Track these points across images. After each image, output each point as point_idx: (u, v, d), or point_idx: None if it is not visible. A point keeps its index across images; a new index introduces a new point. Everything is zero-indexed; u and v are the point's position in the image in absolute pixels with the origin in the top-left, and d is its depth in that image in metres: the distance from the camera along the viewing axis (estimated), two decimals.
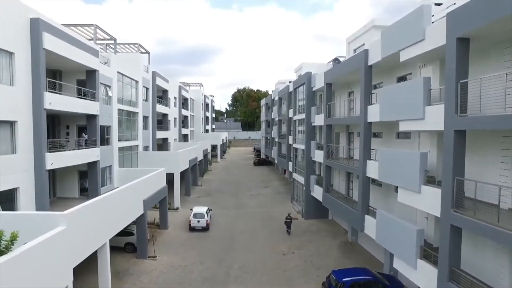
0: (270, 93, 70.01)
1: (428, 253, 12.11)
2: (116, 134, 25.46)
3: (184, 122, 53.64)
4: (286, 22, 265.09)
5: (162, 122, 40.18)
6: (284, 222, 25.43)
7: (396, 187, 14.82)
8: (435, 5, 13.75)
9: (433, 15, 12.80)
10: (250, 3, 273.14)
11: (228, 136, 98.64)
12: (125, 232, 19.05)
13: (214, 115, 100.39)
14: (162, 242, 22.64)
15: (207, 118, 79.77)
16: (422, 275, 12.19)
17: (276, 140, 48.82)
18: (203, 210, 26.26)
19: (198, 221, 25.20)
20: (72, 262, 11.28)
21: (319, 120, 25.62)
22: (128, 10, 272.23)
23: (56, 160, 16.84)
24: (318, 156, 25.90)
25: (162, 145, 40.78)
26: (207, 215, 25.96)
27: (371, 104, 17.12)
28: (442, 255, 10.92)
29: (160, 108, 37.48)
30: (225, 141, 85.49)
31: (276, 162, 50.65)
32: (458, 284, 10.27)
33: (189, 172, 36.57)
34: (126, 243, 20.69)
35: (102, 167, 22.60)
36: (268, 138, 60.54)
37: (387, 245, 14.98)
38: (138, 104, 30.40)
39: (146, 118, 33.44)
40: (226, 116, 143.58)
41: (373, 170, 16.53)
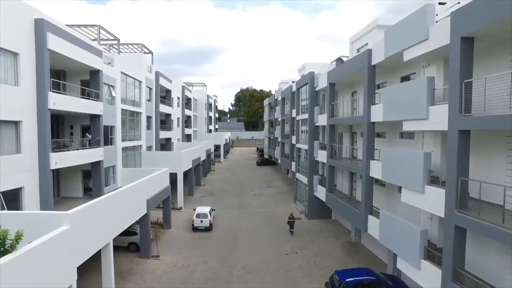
0: (273, 93, 70.01)
1: (432, 253, 12.05)
2: (119, 134, 25.58)
3: (187, 122, 53.76)
4: (289, 22, 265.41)
5: (165, 122, 40.32)
6: (287, 222, 25.42)
7: (399, 187, 14.75)
8: (439, 4, 13.67)
9: (436, 15, 12.72)
10: (254, 3, 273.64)
11: (231, 136, 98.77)
12: (128, 231, 19.09)
13: (217, 115, 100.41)
14: (165, 241, 22.71)
15: (210, 118, 79.89)
16: (426, 276, 12.13)
17: (279, 140, 48.75)
18: (206, 210, 26.28)
19: (201, 221, 25.20)
20: (76, 261, 11.35)
21: (322, 120, 25.57)
22: (131, 11, 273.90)
23: (60, 160, 16.95)
24: (321, 156, 25.85)
25: (165, 145, 40.89)
26: (210, 215, 25.96)
27: (375, 104, 17.05)
28: (446, 256, 10.86)
29: (163, 108, 37.58)
30: (228, 141, 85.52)
31: (279, 162, 50.64)
32: (462, 285, 10.21)
33: (192, 172, 36.61)
34: (130, 243, 20.78)
35: (106, 167, 22.74)
36: (271, 138, 60.49)
37: (391, 245, 14.93)
38: (141, 104, 30.53)
39: (149, 118, 33.54)
40: (229, 116, 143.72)
41: (376, 170, 16.48)
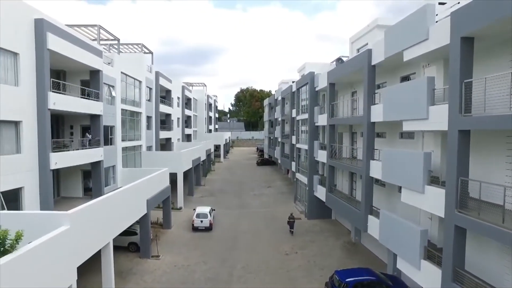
0: (273, 93, 69.99)
1: (432, 253, 12.05)
2: (119, 134, 25.58)
3: (187, 122, 53.77)
4: (289, 22, 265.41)
5: (165, 122, 40.31)
6: (287, 222, 25.41)
7: (399, 187, 14.75)
8: (439, 4, 13.67)
9: (436, 15, 12.72)
10: (254, 3, 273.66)
11: (231, 136, 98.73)
12: (128, 231, 19.09)
13: (217, 115, 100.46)
14: (165, 241, 22.70)
15: (210, 118, 79.90)
16: (426, 276, 12.13)
17: (279, 140, 48.76)
18: (206, 210, 26.27)
19: (201, 221, 25.20)
20: (75, 261, 11.35)
21: (322, 120, 25.57)
22: (131, 11, 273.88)
23: (60, 160, 16.95)
24: (321, 156, 25.85)
25: (165, 145, 40.89)
26: (210, 215, 25.95)
27: (375, 104, 17.05)
28: (446, 256, 10.86)
29: (163, 108, 37.58)
30: (228, 141, 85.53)
31: (279, 162, 50.63)
32: (462, 284, 10.21)
33: (192, 172, 36.62)
34: (130, 243, 20.78)
35: (106, 167, 22.74)
36: (271, 138, 60.49)
37: (391, 245, 14.93)
38: (141, 104, 30.53)
39: (149, 118, 33.54)
40: (229, 116, 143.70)
41: (376, 170, 16.48)
